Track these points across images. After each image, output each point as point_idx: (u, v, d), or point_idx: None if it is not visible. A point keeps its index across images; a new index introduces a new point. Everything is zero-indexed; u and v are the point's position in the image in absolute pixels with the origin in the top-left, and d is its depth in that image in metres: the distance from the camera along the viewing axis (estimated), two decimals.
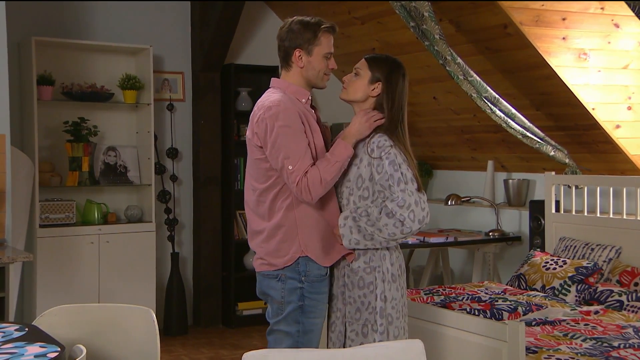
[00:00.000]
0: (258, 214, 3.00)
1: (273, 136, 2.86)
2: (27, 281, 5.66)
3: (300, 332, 2.90)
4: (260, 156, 2.94)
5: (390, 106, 2.99)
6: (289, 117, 2.87)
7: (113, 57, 6.08)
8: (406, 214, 2.83)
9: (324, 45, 2.99)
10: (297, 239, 2.92)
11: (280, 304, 2.93)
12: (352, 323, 2.95)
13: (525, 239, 5.98)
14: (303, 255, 2.91)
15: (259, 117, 2.91)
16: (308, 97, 3.03)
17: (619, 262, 4.75)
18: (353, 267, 2.97)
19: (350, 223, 2.90)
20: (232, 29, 6.21)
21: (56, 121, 5.79)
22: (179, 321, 6.17)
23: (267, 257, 2.96)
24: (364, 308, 2.93)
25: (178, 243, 6.45)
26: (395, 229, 2.84)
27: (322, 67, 3.00)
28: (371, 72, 3.02)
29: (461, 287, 4.81)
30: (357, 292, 2.95)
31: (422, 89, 6.28)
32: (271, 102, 2.91)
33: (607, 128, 5.15)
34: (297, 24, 2.98)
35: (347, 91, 3.07)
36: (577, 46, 4.97)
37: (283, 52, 3.01)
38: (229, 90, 6.42)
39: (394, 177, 2.87)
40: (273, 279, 2.94)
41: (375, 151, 2.91)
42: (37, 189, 5.48)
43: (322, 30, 2.97)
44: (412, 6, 4.73)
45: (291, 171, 2.83)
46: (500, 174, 6.36)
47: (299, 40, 2.96)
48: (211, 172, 6.44)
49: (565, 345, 3.51)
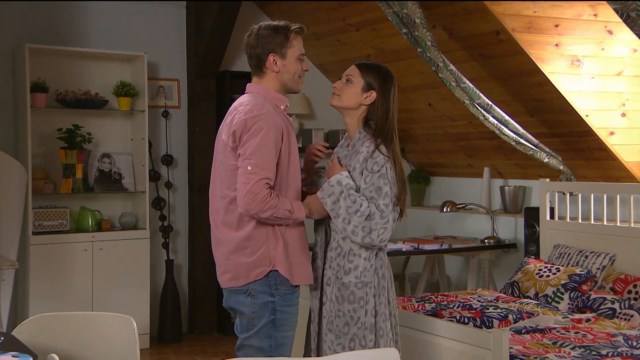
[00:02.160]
0: (225, 223, 2.91)
1: (248, 135, 2.79)
2: (21, 289, 5.65)
3: (272, 346, 2.84)
4: (234, 162, 2.85)
5: (386, 115, 2.98)
6: (270, 126, 2.82)
7: (107, 64, 6.09)
8: (379, 227, 2.83)
9: (297, 47, 2.96)
10: (268, 252, 2.85)
11: (251, 319, 2.86)
12: (340, 336, 2.92)
13: (521, 246, 5.95)
14: (274, 269, 2.85)
15: (239, 120, 2.83)
16: (286, 104, 3.00)
17: (612, 270, 4.72)
18: (344, 281, 2.94)
19: (338, 190, 2.87)
20: (227, 36, 6.21)
21: (50, 128, 5.79)
22: (173, 329, 6.15)
23: (235, 271, 2.89)
24: (353, 323, 2.91)
25: (173, 250, 6.44)
26: (362, 232, 2.84)
27: (297, 70, 2.97)
28: (364, 79, 3.00)
29: (454, 295, 4.78)
30: (347, 306, 2.92)
31: (417, 95, 6.27)
32: (254, 105, 2.85)
33: (601, 135, 5.13)
34: (266, 29, 2.94)
35: (340, 98, 3.04)
36: (571, 53, 4.95)
37: (255, 59, 2.96)
38: (224, 97, 6.41)
39: (382, 191, 2.87)
40: (242, 294, 2.88)
41: (373, 167, 2.90)
42: (30, 196, 5.47)
43: (292, 32, 2.95)
44: (404, 13, 4.72)
45: (250, 172, 2.75)
46: (496, 181, 6.34)
47: (271, 44, 2.92)
48: (206, 179, 6.32)
49: (554, 353, 3.48)
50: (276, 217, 2.79)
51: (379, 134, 2.97)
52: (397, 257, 6.38)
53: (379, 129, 2.98)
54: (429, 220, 6.90)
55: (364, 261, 2.92)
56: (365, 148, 2.96)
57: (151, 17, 6.31)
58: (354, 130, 3.05)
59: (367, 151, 2.94)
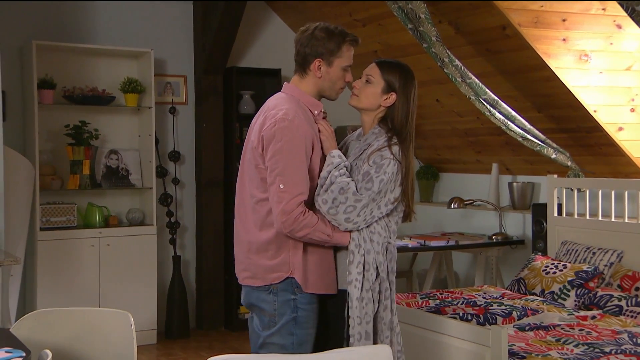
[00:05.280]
0: (251, 221, 2.87)
1: (278, 147, 2.74)
2: (28, 284, 5.68)
3: (294, 343, 2.80)
4: (262, 165, 2.82)
5: (406, 118, 2.90)
6: (300, 136, 2.76)
7: (115, 60, 6.10)
8: (348, 203, 2.74)
9: (345, 58, 2.87)
10: (288, 258, 2.81)
11: (273, 316, 2.82)
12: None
13: (529, 243, 5.91)
14: (291, 276, 2.81)
15: (269, 125, 2.77)
16: (321, 110, 2.93)
17: (620, 267, 4.67)
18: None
19: (337, 162, 2.81)
20: (234, 31, 6.21)
21: (57, 125, 5.82)
22: (181, 324, 6.16)
23: (254, 271, 2.86)
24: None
25: (181, 246, 6.45)
26: (331, 203, 2.75)
27: (339, 80, 2.90)
28: (384, 80, 2.90)
29: (459, 292, 4.76)
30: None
31: (425, 91, 6.23)
32: (285, 113, 2.78)
33: (610, 130, 5.07)
34: (322, 32, 2.85)
35: (358, 99, 2.94)
36: (578, 47, 4.90)
37: (302, 58, 2.88)
38: (231, 93, 6.41)
39: (368, 176, 2.79)
40: (264, 291, 2.83)
41: (375, 160, 2.82)
42: (38, 192, 5.50)
43: (346, 42, 2.86)
44: (409, 8, 4.69)
45: (282, 190, 2.71)
46: (505, 177, 6.29)
47: (321, 49, 2.84)
48: (213, 175, 6.43)
49: (556, 350, 3.45)
50: (311, 238, 2.76)
51: (395, 134, 2.91)
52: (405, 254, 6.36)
53: (396, 130, 2.90)
54: (437, 217, 6.87)
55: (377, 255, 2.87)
56: (377, 142, 2.89)
57: (158, 14, 6.32)
58: (369, 128, 2.97)
59: (377, 145, 2.87)
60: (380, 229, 2.84)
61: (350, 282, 2.80)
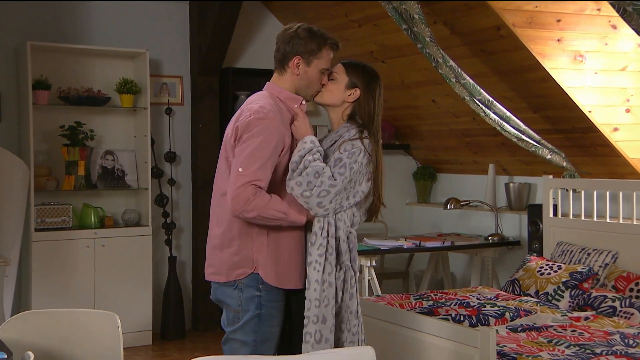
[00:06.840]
0: (216, 216, 2.92)
1: (248, 135, 2.78)
2: (23, 285, 5.68)
3: (257, 341, 2.82)
4: (232, 158, 2.83)
5: (372, 116, 2.96)
6: (273, 130, 2.79)
7: (110, 61, 6.09)
8: (323, 187, 2.77)
9: (324, 60, 2.94)
10: (252, 254, 2.83)
11: (237, 312, 2.84)
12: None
13: (525, 244, 5.89)
14: (255, 272, 2.83)
15: (245, 117, 2.82)
16: (301, 102, 2.96)
17: (615, 267, 4.66)
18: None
19: (308, 147, 2.83)
20: (230, 32, 6.20)
21: (53, 125, 5.81)
22: (176, 325, 6.15)
23: (218, 266, 2.89)
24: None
25: (177, 247, 6.44)
26: (305, 186, 2.77)
27: (316, 81, 2.95)
28: (348, 77, 2.99)
29: (453, 293, 4.75)
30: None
31: (421, 92, 6.23)
32: (261, 107, 2.83)
33: (605, 131, 5.06)
34: (305, 32, 2.91)
35: (322, 94, 3.01)
36: (573, 48, 4.89)
37: (281, 54, 2.94)
38: (227, 94, 6.40)
39: (341, 162, 2.83)
40: (230, 286, 2.86)
41: (346, 147, 2.86)
42: (33, 193, 5.49)
43: (327, 45, 2.93)
44: (403, 8, 4.68)
45: (240, 173, 2.73)
46: (501, 178, 6.29)
47: (302, 48, 2.90)
48: (209, 175, 6.36)
49: (547, 351, 3.43)
50: (264, 217, 2.75)
51: (365, 128, 2.96)
52: (401, 255, 6.35)
53: (365, 126, 2.96)
54: (435, 217, 6.87)
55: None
56: (348, 134, 2.94)
57: (154, 14, 6.31)
58: (337, 126, 3.03)
59: (348, 136, 2.92)
60: (346, 218, 2.87)
61: (310, 263, 2.81)
